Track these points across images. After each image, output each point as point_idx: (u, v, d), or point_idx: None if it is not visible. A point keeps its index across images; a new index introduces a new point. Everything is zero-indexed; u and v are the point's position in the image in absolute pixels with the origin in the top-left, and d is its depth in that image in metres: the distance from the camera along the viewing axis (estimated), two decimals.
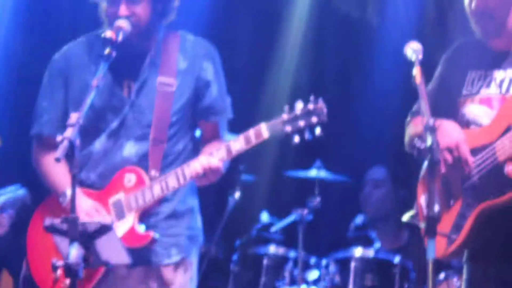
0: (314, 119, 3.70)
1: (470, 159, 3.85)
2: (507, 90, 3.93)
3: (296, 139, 3.73)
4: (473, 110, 3.99)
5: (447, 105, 4.08)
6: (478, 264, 3.95)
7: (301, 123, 3.71)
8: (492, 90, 3.97)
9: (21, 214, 4.97)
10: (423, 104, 3.64)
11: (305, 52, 6.84)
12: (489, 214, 3.78)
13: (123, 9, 3.79)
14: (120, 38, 3.72)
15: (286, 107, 3.72)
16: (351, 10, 6.70)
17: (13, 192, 4.92)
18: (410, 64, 3.80)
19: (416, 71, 3.72)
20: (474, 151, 3.86)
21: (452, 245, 3.86)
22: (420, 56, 3.79)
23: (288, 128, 3.71)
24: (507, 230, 3.79)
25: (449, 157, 3.93)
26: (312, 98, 3.75)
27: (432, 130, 3.53)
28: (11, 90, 6.02)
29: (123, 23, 3.76)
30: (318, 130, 3.72)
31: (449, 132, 3.88)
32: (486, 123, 3.91)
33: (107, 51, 3.69)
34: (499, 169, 3.76)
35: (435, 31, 6.27)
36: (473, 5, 3.91)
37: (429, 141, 3.52)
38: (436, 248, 3.86)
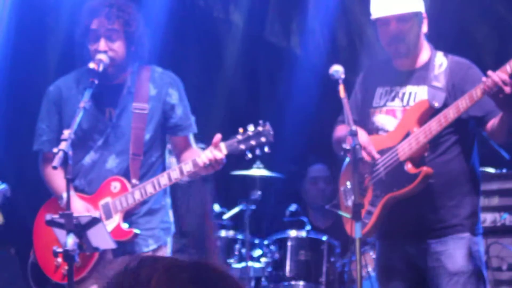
0: (263, 139, 4.16)
1: (376, 156, 4.30)
2: (407, 103, 4.32)
3: (249, 155, 4.21)
4: (381, 119, 4.41)
5: (362, 115, 4.51)
6: (385, 240, 4.48)
7: (253, 142, 4.16)
8: (396, 103, 4.37)
9: (2, 205, 5.38)
10: (347, 114, 4.11)
11: (242, 77, 7.28)
12: (393, 202, 4.29)
13: (102, 45, 4.26)
14: (100, 68, 4.20)
15: (241, 129, 4.18)
16: (278, 41, 7.16)
17: None
18: (330, 82, 4.25)
19: (340, 88, 4.20)
20: (382, 152, 4.32)
21: (366, 227, 4.34)
22: (343, 76, 4.23)
23: (242, 146, 4.17)
24: (407, 214, 4.30)
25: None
26: (261, 121, 4.20)
27: (355, 134, 4.07)
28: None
29: (102, 56, 4.23)
30: (266, 148, 4.19)
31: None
32: (391, 129, 4.36)
33: (90, 79, 4.19)
34: (400, 167, 4.25)
35: (346, 56, 6.69)
36: (388, 30, 4.23)
37: (352, 143, 4.04)
38: (353, 229, 4.23)
